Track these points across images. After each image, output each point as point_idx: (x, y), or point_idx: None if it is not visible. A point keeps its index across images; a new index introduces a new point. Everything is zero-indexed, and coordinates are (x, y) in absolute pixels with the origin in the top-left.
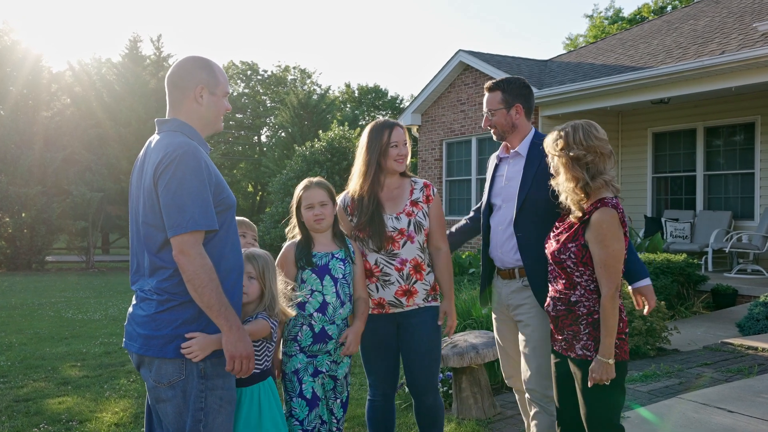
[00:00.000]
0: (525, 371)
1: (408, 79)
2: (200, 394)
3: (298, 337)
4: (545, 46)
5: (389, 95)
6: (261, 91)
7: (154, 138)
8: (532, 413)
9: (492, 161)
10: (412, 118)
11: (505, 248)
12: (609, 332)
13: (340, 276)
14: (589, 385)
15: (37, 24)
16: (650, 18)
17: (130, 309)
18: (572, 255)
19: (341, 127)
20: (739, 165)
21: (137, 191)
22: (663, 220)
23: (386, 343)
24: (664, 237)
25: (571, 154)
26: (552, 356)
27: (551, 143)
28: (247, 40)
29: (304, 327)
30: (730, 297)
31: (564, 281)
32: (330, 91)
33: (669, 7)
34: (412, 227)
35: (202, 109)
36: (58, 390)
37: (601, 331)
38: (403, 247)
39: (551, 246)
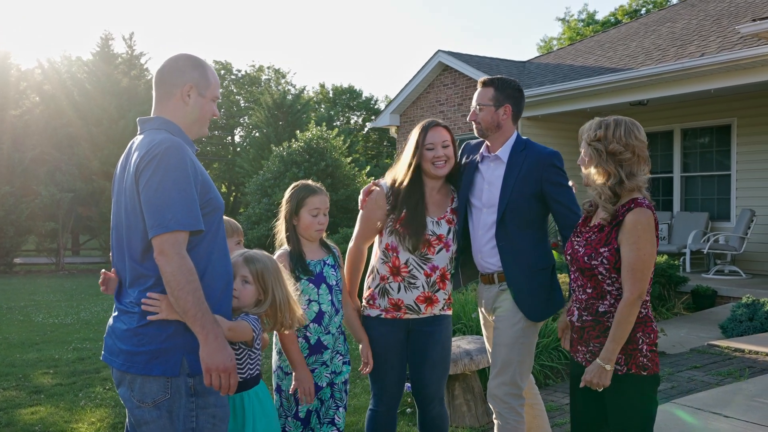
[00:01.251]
0: (490, 373)
1: (382, 80)
2: (190, 414)
3: None
4: (518, 48)
5: (364, 96)
6: (235, 90)
7: (137, 138)
8: (493, 417)
9: (469, 151)
10: (390, 118)
11: (484, 253)
12: (617, 338)
13: (334, 283)
14: (580, 386)
15: (4, 21)
16: (624, 21)
17: (111, 321)
18: (605, 261)
19: (319, 128)
20: (715, 167)
21: (119, 196)
22: None
23: (397, 351)
24: None
25: (609, 147)
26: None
27: (589, 131)
28: (220, 39)
29: (299, 339)
30: (709, 298)
31: (591, 290)
32: (305, 92)
33: (643, 10)
34: (451, 235)
35: (187, 109)
36: (30, 399)
37: (610, 334)
38: (437, 253)
39: (577, 251)
